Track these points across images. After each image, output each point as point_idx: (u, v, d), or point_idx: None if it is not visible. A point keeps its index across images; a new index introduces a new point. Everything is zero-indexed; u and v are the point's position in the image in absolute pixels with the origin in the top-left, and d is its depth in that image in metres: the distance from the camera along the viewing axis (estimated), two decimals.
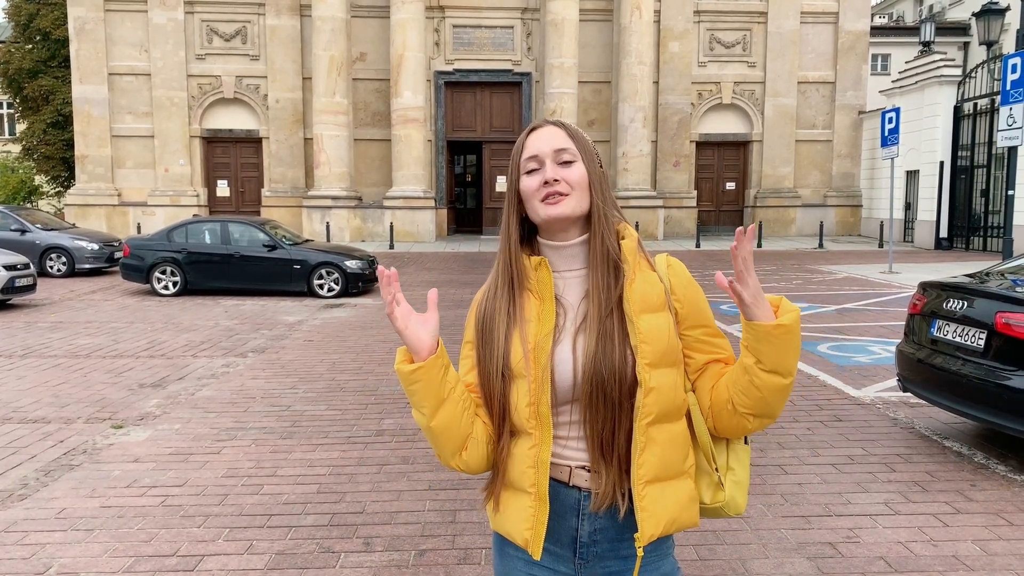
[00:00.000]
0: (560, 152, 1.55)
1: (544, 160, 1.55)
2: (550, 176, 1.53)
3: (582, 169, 1.55)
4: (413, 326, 1.50)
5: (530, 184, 1.55)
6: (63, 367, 7.87)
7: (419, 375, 1.49)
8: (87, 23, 24.23)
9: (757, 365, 1.47)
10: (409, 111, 23.39)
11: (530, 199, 1.56)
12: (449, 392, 1.53)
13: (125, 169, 25.06)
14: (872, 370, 7.55)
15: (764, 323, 1.44)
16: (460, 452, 1.58)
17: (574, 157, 1.55)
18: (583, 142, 1.58)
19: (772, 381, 1.47)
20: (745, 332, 1.48)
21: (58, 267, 16.33)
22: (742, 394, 1.51)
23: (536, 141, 1.57)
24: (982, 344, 4.86)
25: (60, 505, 4.35)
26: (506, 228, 1.61)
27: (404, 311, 1.50)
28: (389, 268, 1.49)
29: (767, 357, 1.45)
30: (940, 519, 4.11)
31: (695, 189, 26.11)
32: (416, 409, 1.55)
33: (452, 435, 1.55)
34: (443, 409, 1.53)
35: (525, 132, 1.61)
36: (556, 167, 1.54)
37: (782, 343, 1.44)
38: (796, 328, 1.45)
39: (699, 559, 3.65)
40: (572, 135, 1.57)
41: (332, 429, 5.76)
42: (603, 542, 1.56)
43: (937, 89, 21.96)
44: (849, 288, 13.78)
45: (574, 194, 1.54)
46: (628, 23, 23.72)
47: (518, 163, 1.59)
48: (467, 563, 3.64)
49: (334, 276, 13.38)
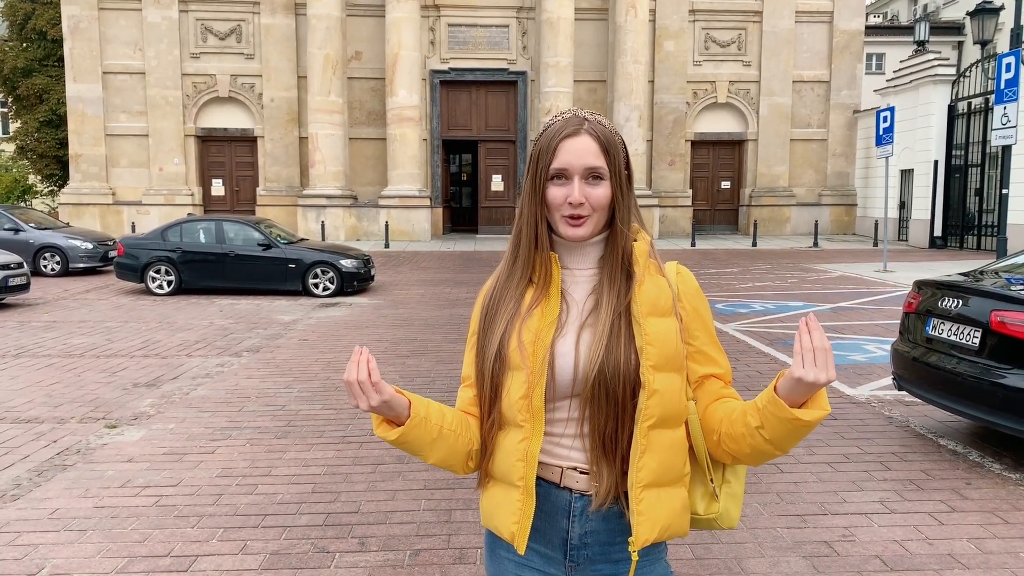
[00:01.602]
0: (590, 170, 1.51)
1: (573, 176, 1.50)
2: (576, 199, 1.49)
3: (607, 190, 1.52)
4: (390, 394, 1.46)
5: (556, 196, 1.52)
6: (57, 367, 7.84)
7: (403, 439, 1.50)
8: (81, 21, 24.14)
9: (759, 430, 1.44)
10: (404, 110, 23.36)
11: (553, 211, 1.54)
12: (438, 432, 1.53)
13: (119, 168, 24.99)
14: (867, 369, 7.56)
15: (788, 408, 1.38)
16: (467, 463, 1.62)
17: (603, 175, 1.51)
18: (614, 152, 1.53)
19: (766, 449, 1.46)
20: (765, 400, 1.42)
21: (52, 266, 16.27)
22: (732, 440, 1.50)
23: (569, 154, 1.50)
24: (977, 342, 4.86)
25: (53, 505, 4.33)
26: (532, 227, 1.55)
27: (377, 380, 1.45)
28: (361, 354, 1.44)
29: (772, 431, 1.42)
30: (935, 517, 4.12)
31: (690, 188, 26.14)
32: (414, 455, 1.57)
33: (454, 461, 1.59)
34: (436, 447, 1.55)
35: (558, 133, 1.52)
36: (584, 186, 1.50)
37: (795, 431, 1.41)
38: (815, 425, 1.41)
39: (695, 558, 3.64)
40: (605, 149, 1.51)
41: (327, 428, 5.74)
42: (594, 545, 1.54)
43: (931, 88, 22.01)
44: (844, 287, 13.80)
45: (595, 215, 1.52)
46: (623, 22, 23.73)
47: (547, 166, 1.52)
48: (462, 563, 3.63)
49: (329, 275, 13.35)
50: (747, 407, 1.47)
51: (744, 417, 1.47)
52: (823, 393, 1.39)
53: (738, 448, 1.50)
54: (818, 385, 1.34)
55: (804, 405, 1.39)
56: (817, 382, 1.33)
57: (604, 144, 1.51)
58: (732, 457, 1.54)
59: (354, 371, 1.41)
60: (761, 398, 1.44)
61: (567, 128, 1.52)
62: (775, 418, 1.40)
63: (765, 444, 1.45)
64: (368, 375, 1.41)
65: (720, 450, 1.54)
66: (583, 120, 1.53)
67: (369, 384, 1.41)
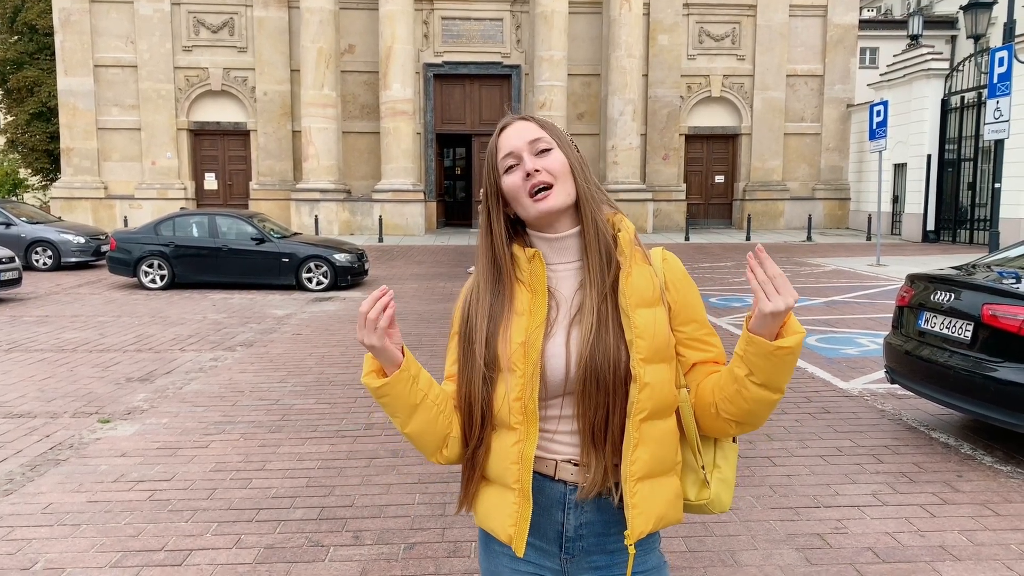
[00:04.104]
0: (535, 142, 1.53)
1: (521, 154, 1.52)
2: (530, 167, 1.51)
3: (561, 156, 1.53)
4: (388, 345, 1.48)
5: (514, 181, 1.53)
6: (49, 361, 7.81)
7: (387, 389, 1.49)
8: (72, 14, 23.98)
9: (748, 377, 1.44)
10: (398, 104, 23.29)
11: (518, 196, 1.53)
12: (422, 398, 1.52)
13: (111, 162, 24.86)
14: (860, 362, 7.59)
15: (767, 341, 1.40)
16: (441, 449, 1.59)
17: (550, 145, 1.53)
18: (555, 130, 1.57)
19: (761, 395, 1.45)
20: (744, 344, 1.43)
21: (44, 261, 16.20)
22: (727, 401, 1.49)
23: (509, 138, 1.55)
24: (969, 336, 4.88)
25: (46, 500, 4.32)
26: (487, 226, 1.58)
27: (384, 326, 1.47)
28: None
29: (761, 372, 1.42)
30: (927, 509, 4.14)
31: (684, 182, 26.16)
32: (391, 417, 1.55)
33: (429, 438, 1.56)
34: (416, 416, 1.53)
35: (496, 133, 1.58)
36: (534, 158, 1.52)
37: (781, 362, 1.41)
38: (798, 350, 1.41)
39: (688, 551, 3.66)
40: (542, 124, 1.56)
41: (321, 423, 5.74)
42: (589, 536, 1.54)
43: (925, 82, 22.04)
44: (837, 281, 13.84)
45: (559, 184, 1.52)
46: (618, 16, 23.70)
47: (495, 164, 1.56)
48: (457, 556, 3.63)
49: (323, 269, 13.33)
50: (731, 364, 1.48)
51: (731, 373, 1.47)
52: (792, 317, 1.42)
53: (736, 408, 1.48)
54: (786, 312, 1.37)
55: (779, 336, 1.41)
56: (787, 308, 1.37)
57: (540, 122, 1.57)
58: (734, 421, 1.51)
59: (368, 305, 1.44)
60: (739, 345, 1.44)
61: (502, 123, 1.59)
62: (759, 357, 1.41)
63: (759, 391, 1.44)
64: (377, 316, 1.43)
65: (721, 420, 1.52)
66: (516, 114, 1.59)
67: (374, 322, 1.43)
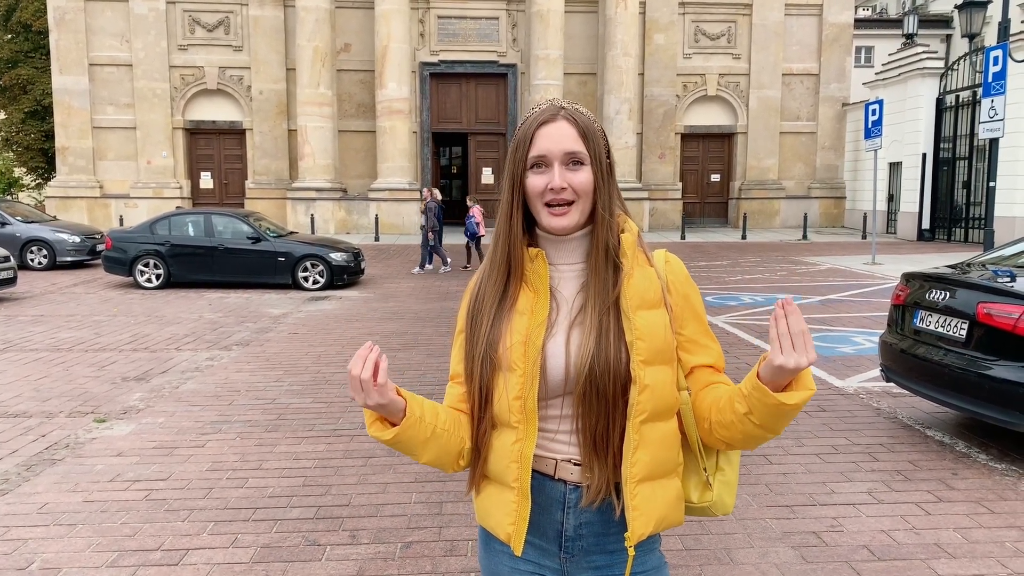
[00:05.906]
0: (570, 155, 1.48)
1: (552, 162, 1.48)
2: (557, 184, 1.47)
3: (589, 175, 1.49)
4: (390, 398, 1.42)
5: (536, 184, 1.49)
6: (44, 361, 7.79)
7: (399, 437, 1.47)
8: (67, 13, 23.91)
9: (748, 416, 1.42)
10: (394, 102, 23.27)
11: (534, 200, 1.51)
12: (432, 432, 1.50)
13: (107, 161, 24.80)
14: (856, 360, 7.61)
15: (771, 393, 1.36)
16: (457, 461, 1.59)
17: (583, 160, 1.50)
18: (593, 138, 1.51)
19: (758, 434, 1.44)
20: (748, 386, 1.40)
21: (39, 260, 16.15)
22: (722, 427, 1.48)
23: (546, 140, 1.48)
24: (964, 334, 4.90)
25: (42, 500, 4.31)
26: (507, 219, 1.54)
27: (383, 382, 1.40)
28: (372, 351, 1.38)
29: (760, 416, 1.41)
30: (922, 507, 4.15)
31: (680, 181, 26.18)
32: (405, 454, 1.55)
33: (445, 459, 1.56)
34: (429, 448, 1.52)
35: (535, 121, 1.50)
36: (564, 171, 1.48)
37: (781, 415, 1.39)
38: (802, 407, 1.38)
39: (684, 549, 3.67)
40: (583, 133, 1.49)
41: (318, 422, 5.74)
42: (589, 536, 1.54)
43: (920, 81, 22.10)
44: (833, 279, 13.87)
45: (579, 202, 1.49)
46: (613, 15, 23.71)
47: (524, 156, 1.50)
48: (453, 555, 3.64)
49: (319, 268, 13.32)
50: (733, 393, 1.46)
51: (732, 404, 1.45)
52: (807, 373, 1.37)
53: (730, 435, 1.48)
54: (796, 371, 1.33)
55: (788, 386, 1.38)
56: (798, 367, 1.32)
57: (582, 129, 1.49)
58: (725, 443, 1.52)
59: (359, 366, 1.36)
60: (745, 384, 1.42)
61: (543, 115, 1.50)
62: (761, 404, 1.39)
63: (756, 429, 1.43)
64: (372, 374, 1.37)
65: (713, 437, 1.53)
66: (560, 108, 1.51)
67: (371, 383, 1.37)
